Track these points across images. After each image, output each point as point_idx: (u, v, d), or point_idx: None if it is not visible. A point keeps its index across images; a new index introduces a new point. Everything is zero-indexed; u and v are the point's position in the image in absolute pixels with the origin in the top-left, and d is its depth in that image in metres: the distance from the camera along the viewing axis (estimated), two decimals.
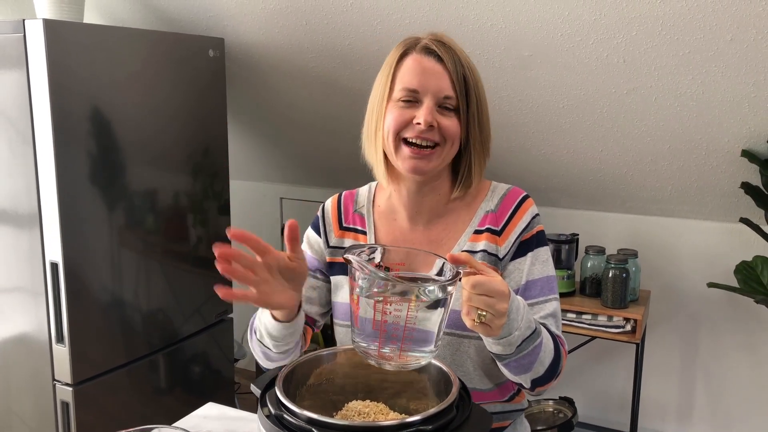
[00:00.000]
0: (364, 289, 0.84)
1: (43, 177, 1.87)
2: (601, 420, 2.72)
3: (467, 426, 0.81)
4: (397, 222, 1.18)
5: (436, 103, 1.07)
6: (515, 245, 1.12)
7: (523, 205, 1.15)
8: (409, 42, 1.10)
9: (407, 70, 1.08)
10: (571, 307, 2.33)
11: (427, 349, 0.88)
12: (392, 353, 0.87)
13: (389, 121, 1.08)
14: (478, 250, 1.12)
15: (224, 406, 1.35)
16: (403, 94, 1.07)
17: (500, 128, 2.38)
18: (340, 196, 1.24)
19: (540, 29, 1.94)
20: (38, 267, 1.94)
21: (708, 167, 2.20)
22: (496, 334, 0.91)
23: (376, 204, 1.21)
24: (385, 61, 1.13)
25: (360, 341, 0.90)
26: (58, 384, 1.99)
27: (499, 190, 1.17)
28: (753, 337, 2.42)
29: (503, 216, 1.14)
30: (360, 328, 0.88)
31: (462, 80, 1.07)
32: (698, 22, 1.76)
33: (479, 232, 1.14)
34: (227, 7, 2.32)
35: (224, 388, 2.58)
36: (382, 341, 0.85)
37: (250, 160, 3.16)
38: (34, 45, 1.80)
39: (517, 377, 1.03)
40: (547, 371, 1.02)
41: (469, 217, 1.15)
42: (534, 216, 1.14)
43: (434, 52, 1.07)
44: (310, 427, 0.78)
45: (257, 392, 0.89)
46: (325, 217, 1.22)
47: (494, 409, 1.15)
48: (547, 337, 1.02)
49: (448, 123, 1.08)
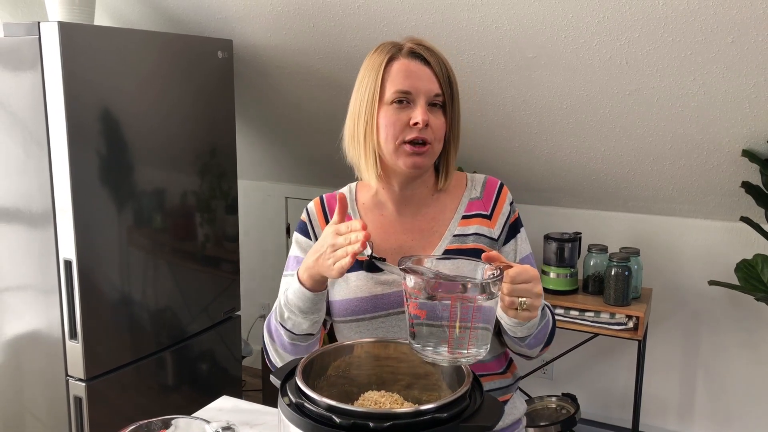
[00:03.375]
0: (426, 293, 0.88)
1: (57, 176, 1.91)
2: (604, 416, 2.76)
3: (480, 414, 0.85)
4: (384, 215, 1.24)
5: (427, 102, 1.14)
6: (506, 228, 1.23)
7: (502, 191, 1.26)
8: (391, 47, 1.17)
9: (397, 74, 1.14)
10: (573, 305, 2.36)
11: (486, 342, 0.93)
12: (457, 350, 0.91)
13: (386, 125, 1.14)
14: (469, 233, 1.20)
15: (238, 399, 1.39)
16: (396, 96, 1.13)
17: (504, 128, 2.41)
18: (321, 198, 1.28)
19: (544, 31, 1.98)
20: (52, 265, 1.98)
21: (709, 167, 2.23)
22: (535, 316, 1.01)
23: (359, 201, 1.26)
24: (366, 66, 1.18)
25: (425, 342, 0.92)
26: (71, 379, 2.03)
27: (478, 179, 1.27)
28: (753, 335, 2.46)
29: (489, 201, 1.24)
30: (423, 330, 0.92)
31: (447, 80, 1.16)
32: (699, 24, 1.79)
33: (468, 217, 1.22)
34: (236, 10, 2.36)
35: (231, 386, 2.61)
36: (450, 340, 0.90)
37: (257, 160, 3.19)
38: (49, 47, 1.83)
39: (531, 350, 1.16)
40: (548, 338, 1.17)
41: (454, 205, 1.24)
42: (512, 202, 1.26)
43: (420, 56, 1.15)
44: (329, 414, 0.81)
45: (277, 383, 0.92)
46: (311, 220, 1.26)
47: (495, 386, 1.22)
48: (547, 311, 1.15)
49: (437, 123, 1.15)
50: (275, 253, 3.28)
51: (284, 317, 1.13)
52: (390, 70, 1.15)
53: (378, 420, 0.80)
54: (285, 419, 0.85)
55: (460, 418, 0.83)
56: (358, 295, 1.17)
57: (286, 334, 1.14)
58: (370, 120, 1.16)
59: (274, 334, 1.17)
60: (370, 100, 1.15)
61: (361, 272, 1.18)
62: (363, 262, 1.18)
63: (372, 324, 1.17)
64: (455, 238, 1.19)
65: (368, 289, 1.17)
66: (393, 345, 1.03)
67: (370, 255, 1.17)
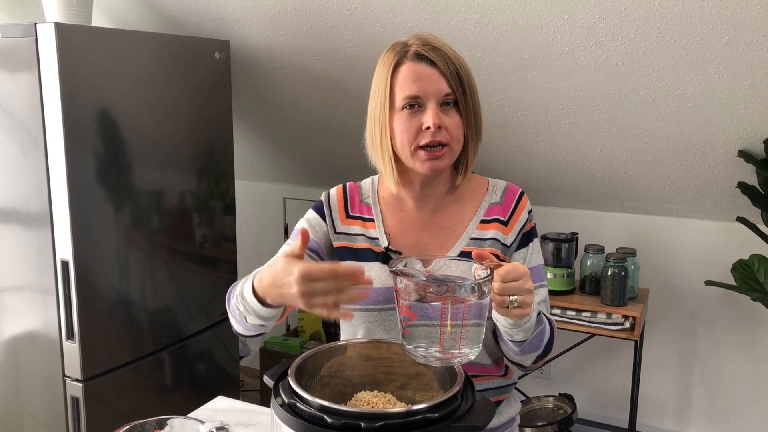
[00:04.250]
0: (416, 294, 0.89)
1: (54, 177, 1.91)
2: (601, 416, 2.76)
3: (471, 414, 0.85)
4: (404, 211, 1.24)
5: (438, 103, 1.13)
6: (519, 236, 1.22)
7: (522, 199, 1.25)
8: (398, 50, 1.16)
9: (405, 79, 1.13)
10: (570, 305, 2.37)
11: (477, 342, 0.94)
12: (449, 351, 0.91)
13: (400, 131, 1.14)
14: (487, 238, 1.20)
15: (233, 400, 1.39)
16: (406, 102, 1.13)
17: (501, 129, 2.42)
18: (344, 186, 1.30)
19: (540, 32, 1.98)
20: (49, 265, 1.98)
21: (705, 167, 2.24)
22: (528, 313, 0.99)
23: (380, 195, 1.27)
24: (378, 70, 1.18)
25: (416, 343, 0.93)
26: (68, 380, 2.03)
27: (500, 185, 1.27)
28: (750, 334, 2.46)
29: (508, 208, 1.23)
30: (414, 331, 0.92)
31: (456, 76, 1.14)
32: (695, 25, 1.80)
33: (486, 222, 1.22)
34: (233, 10, 2.36)
35: (229, 386, 2.62)
36: (442, 341, 0.90)
37: (254, 160, 3.20)
38: (46, 48, 1.84)
39: (525, 356, 1.13)
40: (545, 348, 1.14)
41: (474, 207, 1.24)
42: (530, 210, 1.26)
43: (426, 57, 1.14)
44: (321, 414, 0.82)
45: (270, 383, 0.93)
46: (330, 204, 1.27)
47: (492, 385, 1.22)
48: (543, 317, 1.14)
49: (452, 123, 1.14)
50: (273, 253, 3.26)
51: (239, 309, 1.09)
52: (397, 75, 1.14)
53: (369, 420, 0.80)
54: (277, 419, 0.86)
55: (451, 418, 0.84)
56: (373, 285, 1.16)
57: (242, 318, 1.10)
58: (384, 126, 1.16)
59: (231, 309, 1.13)
60: (382, 107, 1.16)
61: (376, 263, 1.19)
62: (379, 253, 1.19)
63: (381, 315, 1.17)
64: (472, 241, 1.19)
65: (381, 280, 1.17)
66: (385, 345, 1.04)
67: (386, 248, 1.18)
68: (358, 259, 1.21)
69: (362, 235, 1.23)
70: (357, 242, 1.22)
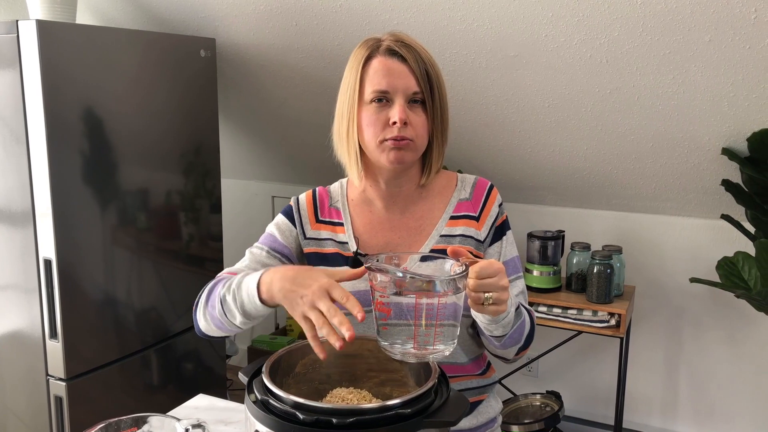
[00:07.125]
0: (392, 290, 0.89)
1: (37, 175, 1.90)
2: (588, 413, 2.77)
3: (445, 409, 0.85)
4: (372, 212, 1.24)
5: (405, 100, 1.14)
6: (492, 230, 1.22)
7: (492, 193, 1.25)
8: (370, 45, 1.16)
9: (375, 73, 1.14)
10: (557, 303, 2.38)
11: (452, 338, 0.94)
12: (424, 347, 0.91)
13: (367, 124, 1.15)
14: (456, 234, 1.20)
15: (214, 398, 1.39)
16: (374, 96, 1.14)
17: (487, 127, 2.42)
18: (314, 191, 1.30)
19: (525, 30, 1.99)
20: (32, 264, 1.97)
21: (690, 165, 2.25)
22: (504, 310, 0.98)
23: (349, 198, 1.27)
24: (349, 63, 1.18)
25: (392, 340, 0.93)
26: (51, 379, 2.02)
27: (468, 180, 1.26)
28: (734, 331, 2.47)
29: (478, 203, 1.23)
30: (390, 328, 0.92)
31: (425, 76, 1.14)
32: (678, 24, 1.81)
33: (455, 218, 1.22)
34: (218, 8, 2.36)
35: (216, 385, 2.61)
36: (416, 337, 0.90)
37: (241, 158, 3.19)
38: (28, 45, 1.83)
39: (507, 350, 1.14)
40: (526, 340, 1.15)
41: (443, 205, 1.24)
42: (500, 204, 1.25)
43: (397, 53, 1.14)
44: (294, 411, 0.81)
45: (244, 380, 0.93)
46: (300, 210, 1.27)
47: (471, 385, 1.22)
48: (523, 310, 1.14)
49: (418, 121, 1.15)
50: None
51: (226, 300, 1.08)
52: (368, 68, 1.15)
53: (341, 416, 0.80)
54: (251, 416, 0.86)
55: (424, 413, 0.84)
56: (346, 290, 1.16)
57: (220, 313, 1.10)
58: (352, 119, 1.16)
59: (210, 303, 1.13)
60: (351, 100, 1.16)
61: (345, 268, 1.19)
62: (348, 258, 1.19)
63: (353, 318, 1.16)
64: (442, 238, 1.19)
65: (352, 284, 1.17)
66: (357, 342, 1.03)
67: (355, 251, 1.18)
68: (328, 264, 1.21)
69: (331, 239, 1.22)
70: (326, 247, 1.22)
